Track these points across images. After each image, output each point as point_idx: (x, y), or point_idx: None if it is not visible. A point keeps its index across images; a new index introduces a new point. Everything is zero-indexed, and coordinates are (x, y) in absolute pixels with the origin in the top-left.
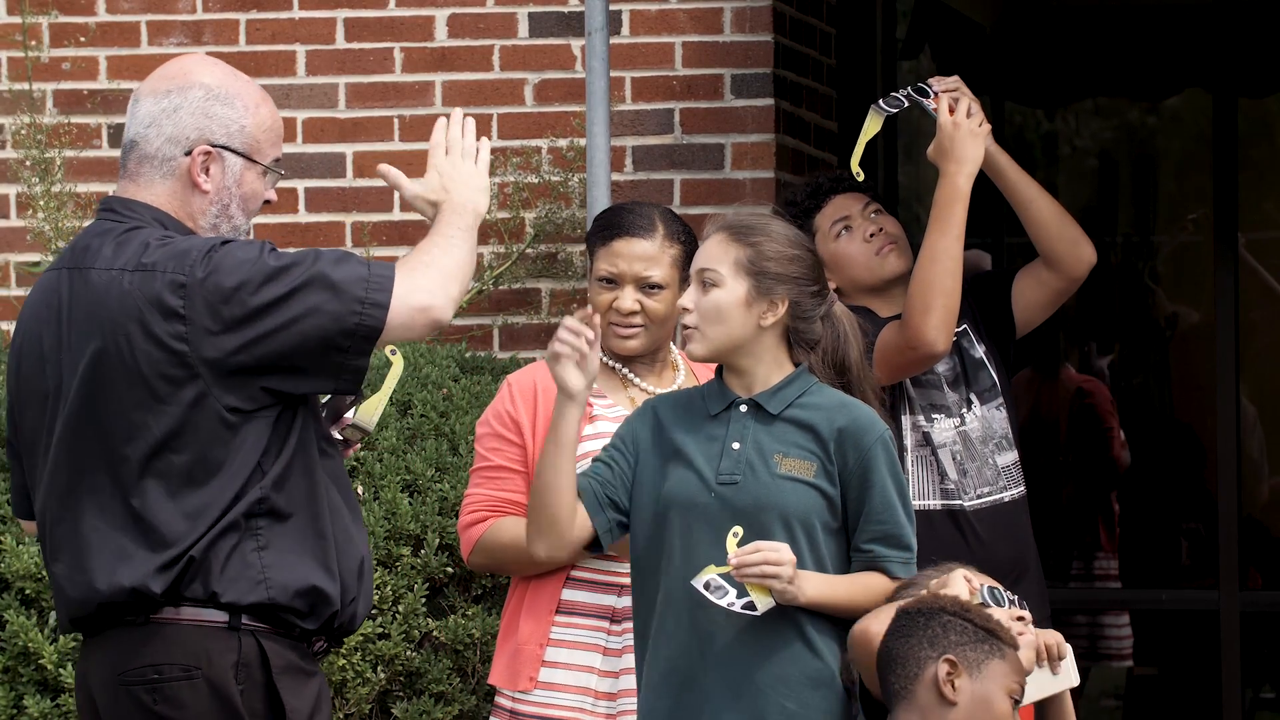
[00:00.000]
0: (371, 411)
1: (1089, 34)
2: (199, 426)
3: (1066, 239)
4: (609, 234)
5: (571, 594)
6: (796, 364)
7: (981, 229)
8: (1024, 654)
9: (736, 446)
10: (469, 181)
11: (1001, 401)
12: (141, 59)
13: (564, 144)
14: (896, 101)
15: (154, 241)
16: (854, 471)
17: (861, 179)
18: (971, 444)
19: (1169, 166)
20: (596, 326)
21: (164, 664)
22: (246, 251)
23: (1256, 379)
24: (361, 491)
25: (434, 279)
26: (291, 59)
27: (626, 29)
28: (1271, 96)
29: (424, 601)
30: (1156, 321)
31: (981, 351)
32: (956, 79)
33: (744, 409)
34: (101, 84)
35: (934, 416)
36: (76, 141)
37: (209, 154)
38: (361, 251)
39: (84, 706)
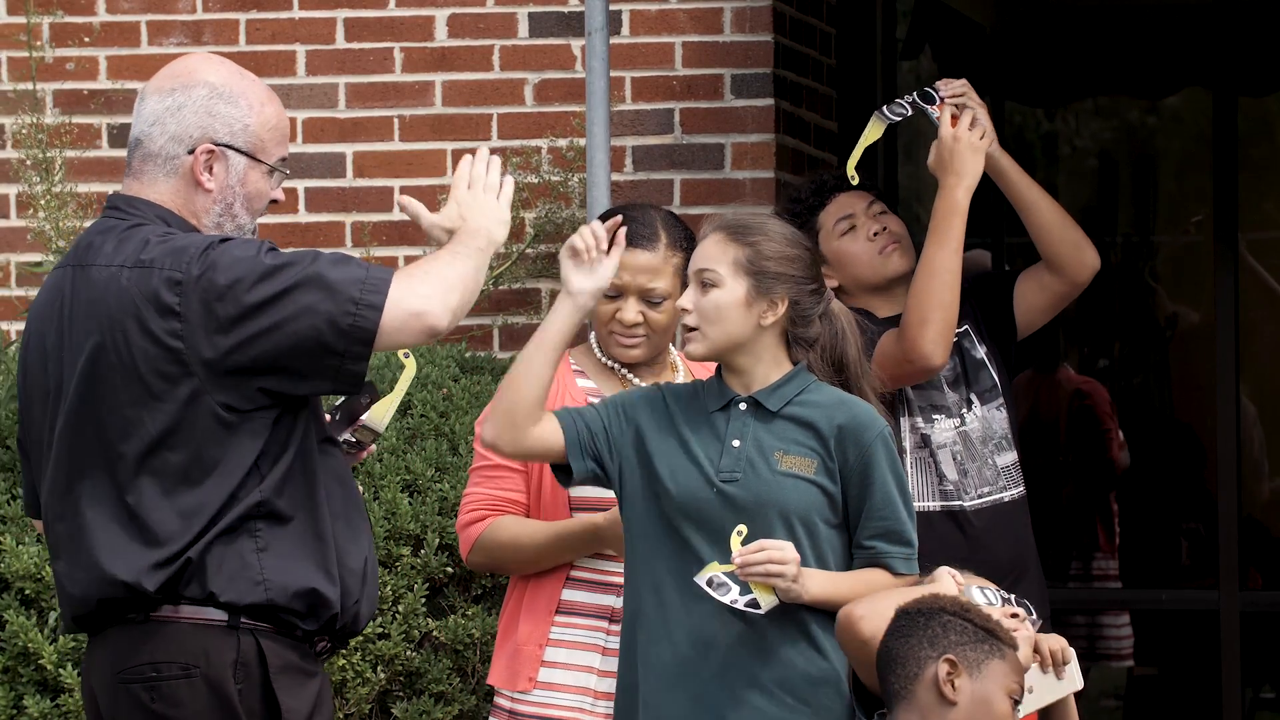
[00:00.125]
0: (382, 413)
1: (1089, 34)
2: (194, 425)
3: (1069, 243)
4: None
5: (571, 594)
6: (795, 362)
7: (981, 229)
8: (1021, 651)
9: (737, 444)
10: (487, 212)
11: (1002, 402)
12: (141, 59)
13: (564, 144)
14: (900, 109)
15: (154, 238)
16: (854, 468)
17: (856, 182)
18: (972, 444)
19: (1169, 166)
20: (621, 240)
21: (162, 662)
22: (244, 250)
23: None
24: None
25: (432, 286)
26: (291, 59)
27: (626, 29)
28: (1271, 96)
29: (424, 601)
30: (1156, 321)
31: (983, 352)
32: (964, 83)
33: (743, 406)
34: (102, 84)
35: (934, 417)
36: (77, 141)
37: (212, 153)
38: (361, 251)
39: (88, 706)
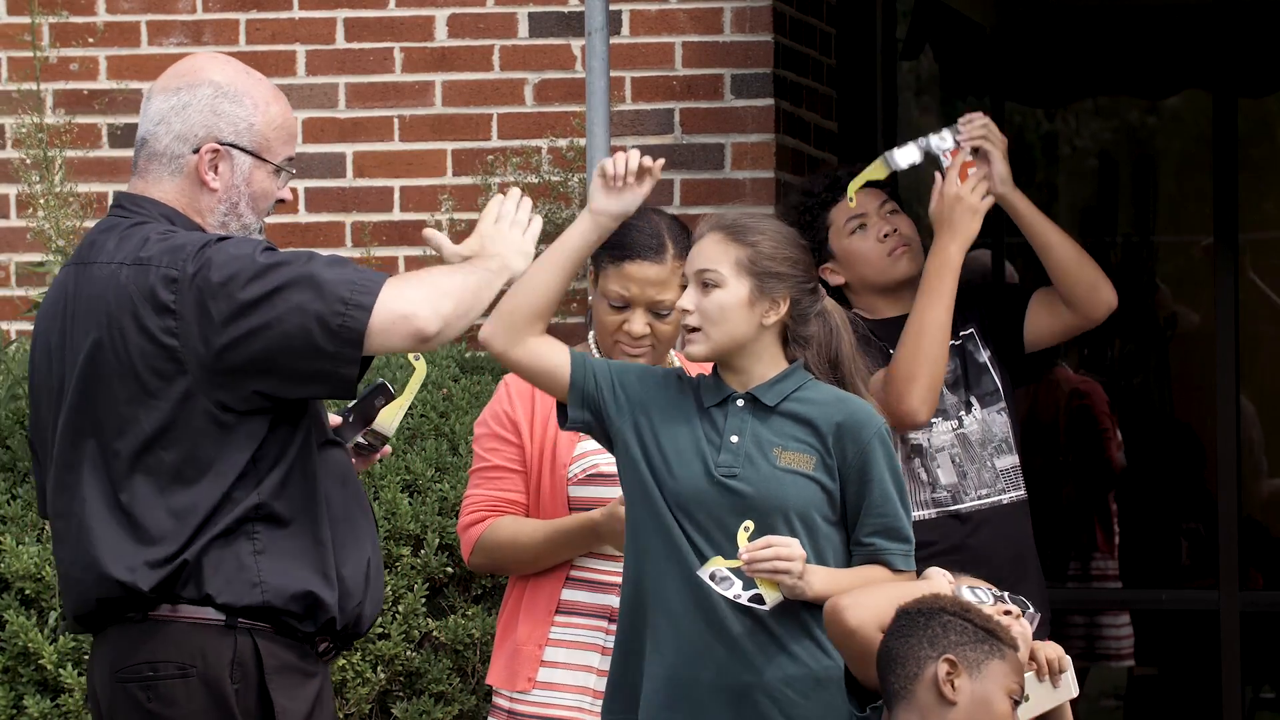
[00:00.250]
0: (391, 417)
1: (1089, 34)
2: (189, 423)
3: (1085, 283)
4: (620, 254)
5: (570, 594)
6: (791, 360)
7: (982, 229)
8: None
9: (735, 440)
10: (509, 243)
11: (1003, 406)
12: (141, 59)
13: (564, 144)
14: (910, 157)
15: (154, 236)
16: (853, 466)
17: (854, 205)
18: (970, 446)
19: (1169, 166)
20: (656, 172)
21: (159, 661)
22: (240, 248)
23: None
24: None
25: (424, 292)
26: (291, 59)
27: (626, 29)
28: (1271, 96)
29: (424, 601)
30: (1156, 321)
31: (986, 356)
32: (985, 123)
33: (740, 403)
34: (101, 84)
35: (931, 421)
36: (76, 141)
37: (217, 152)
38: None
39: (92, 705)
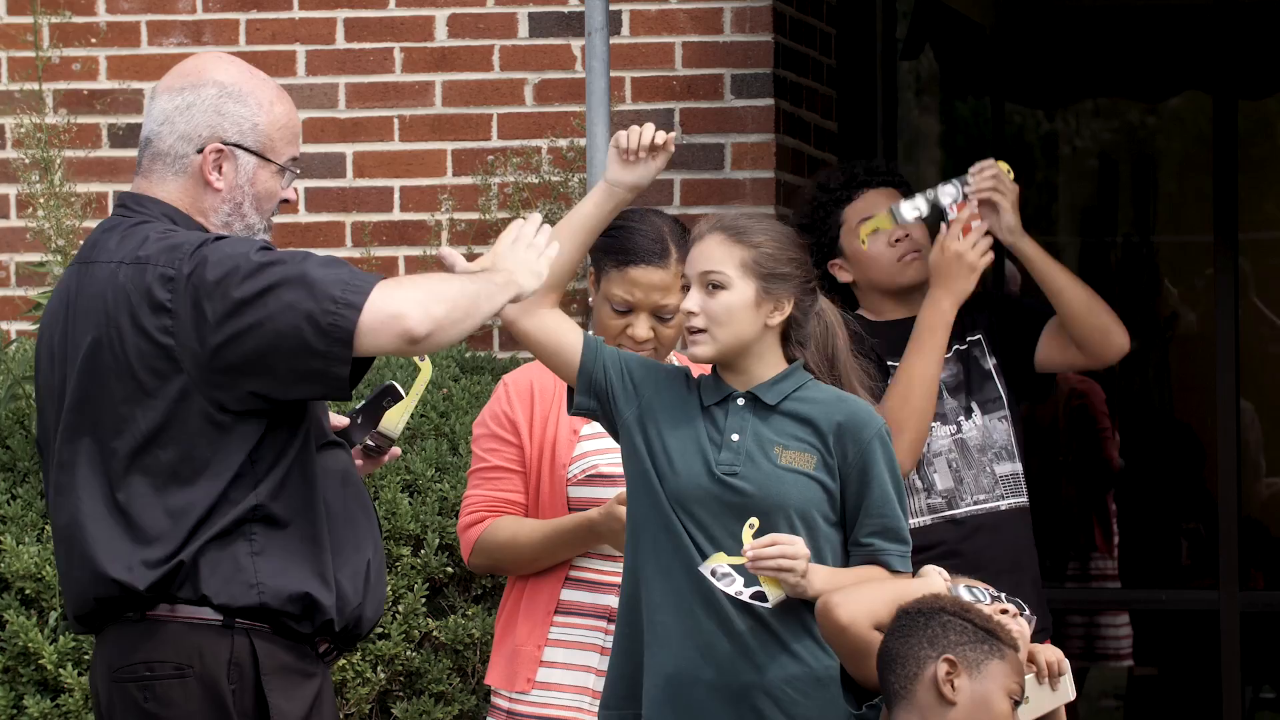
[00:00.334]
0: (396, 419)
1: (1089, 34)
2: (185, 423)
3: (1096, 330)
4: (623, 259)
5: (570, 594)
6: (790, 360)
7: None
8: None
9: (736, 438)
10: (522, 261)
11: (1006, 414)
12: (141, 59)
13: (564, 144)
14: (915, 210)
15: (153, 235)
16: (853, 466)
17: (865, 248)
18: (969, 451)
19: (1169, 167)
20: (670, 146)
21: (157, 661)
22: (236, 247)
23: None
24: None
25: (416, 294)
26: (291, 59)
27: (626, 29)
28: (1272, 98)
29: (424, 601)
30: (1156, 321)
31: (992, 364)
32: (995, 174)
33: (740, 402)
34: (102, 84)
35: (930, 426)
36: (76, 141)
37: (221, 152)
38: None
39: (94, 705)
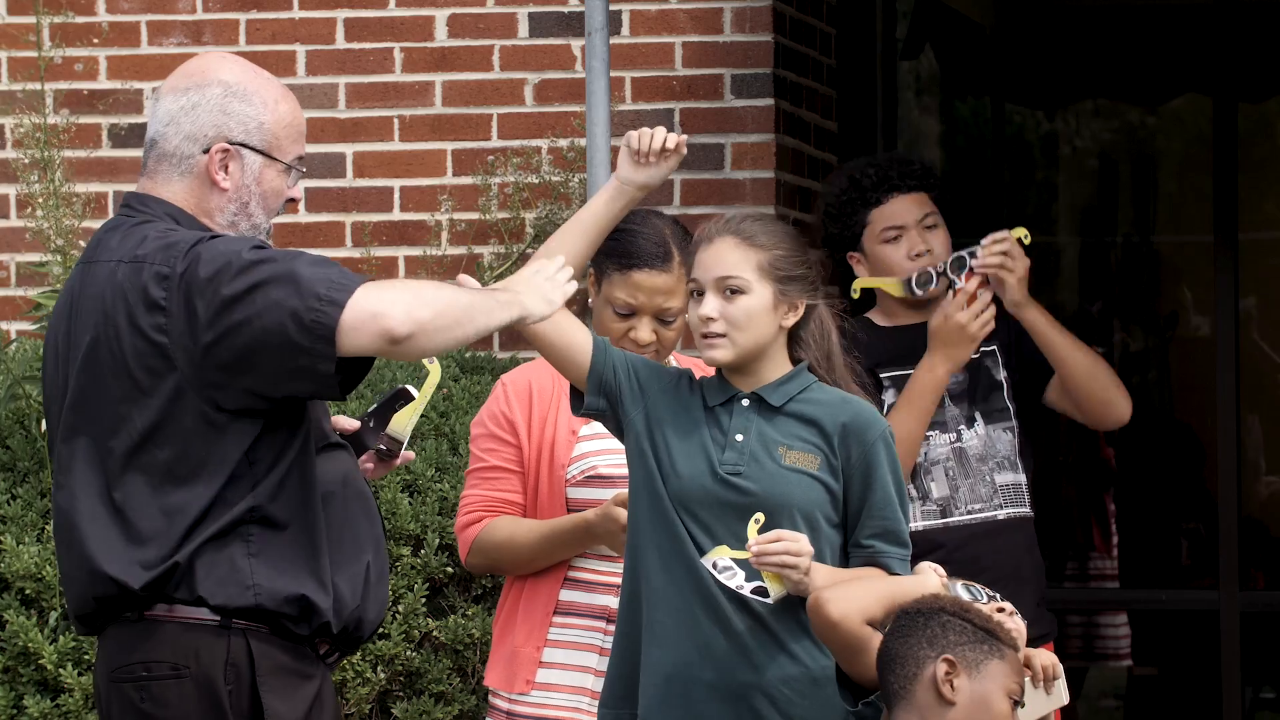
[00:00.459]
0: (404, 422)
1: (1089, 34)
2: (180, 422)
3: (1097, 401)
4: (626, 262)
5: (568, 595)
6: (794, 360)
7: (982, 229)
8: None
9: (740, 438)
10: (534, 287)
11: (1012, 425)
12: (142, 59)
13: (564, 144)
14: (926, 282)
15: (153, 234)
16: (857, 467)
17: (857, 296)
18: (967, 460)
19: (1169, 167)
20: (682, 149)
21: (154, 662)
22: (229, 245)
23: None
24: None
25: (401, 295)
26: (291, 59)
27: (626, 29)
28: (1272, 100)
29: (424, 601)
30: (1156, 321)
31: (1003, 376)
32: (1007, 247)
33: (745, 402)
34: (102, 84)
35: (928, 434)
36: (76, 141)
37: (227, 151)
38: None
39: (97, 705)
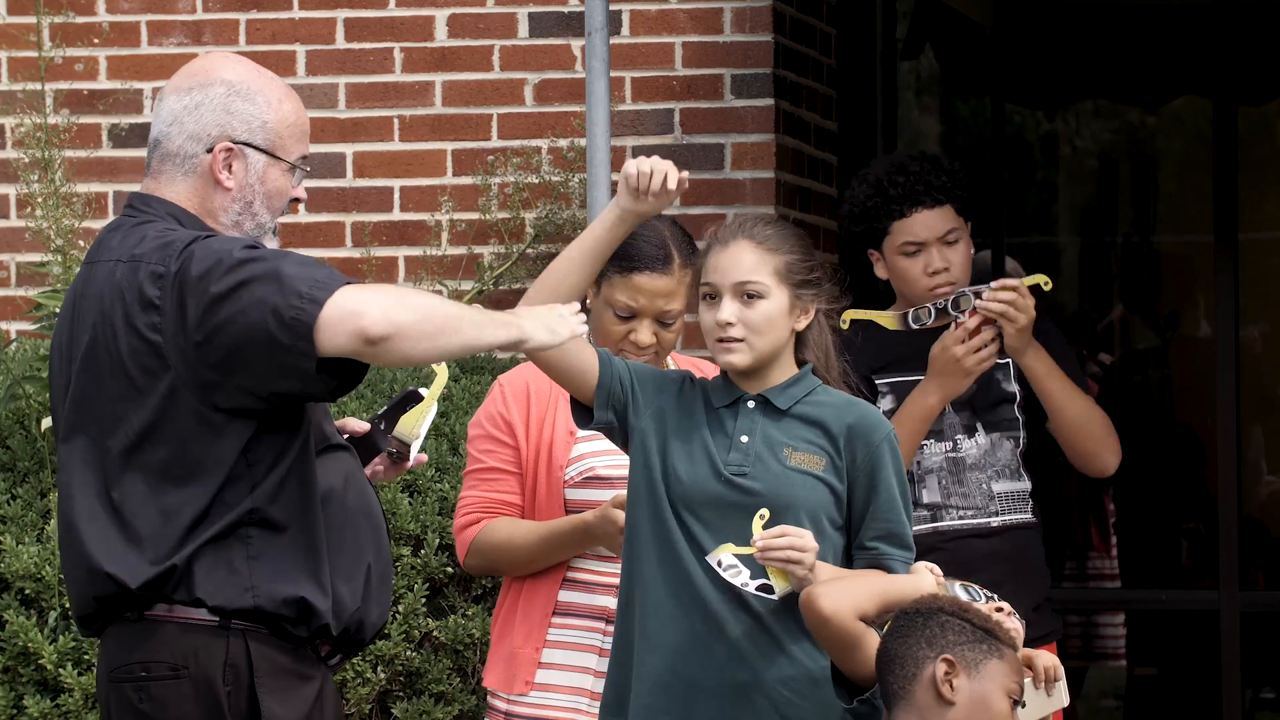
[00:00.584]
0: (411, 424)
1: (1089, 34)
2: (175, 421)
3: (1081, 451)
4: (627, 265)
5: (567, 595)
6: (800, 362)
7: (982, 229)
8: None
9: (745, 439)
10: (541, 316)
11: (1017, 435)
12: (142, 59)
13: (564, 144)
14: (925, 316)
15: (152, 234)
16: (861, 468)
17: (846, 328)
18: (961, 469)
19: (1169, 167)
20: (684, 185)
21: (153, 662)
22: (222, 244)
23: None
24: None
25: (382, 297)
26: (291, 59)
27: (626, 29)
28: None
29: (424, 601)
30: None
31: (1014, 389)
32: (1013, 297)
33: (751, 404)
34: (102, 84)
35: (923, 443)
36: (76, 141)
37: (230, 150)
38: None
39: (99, 704)
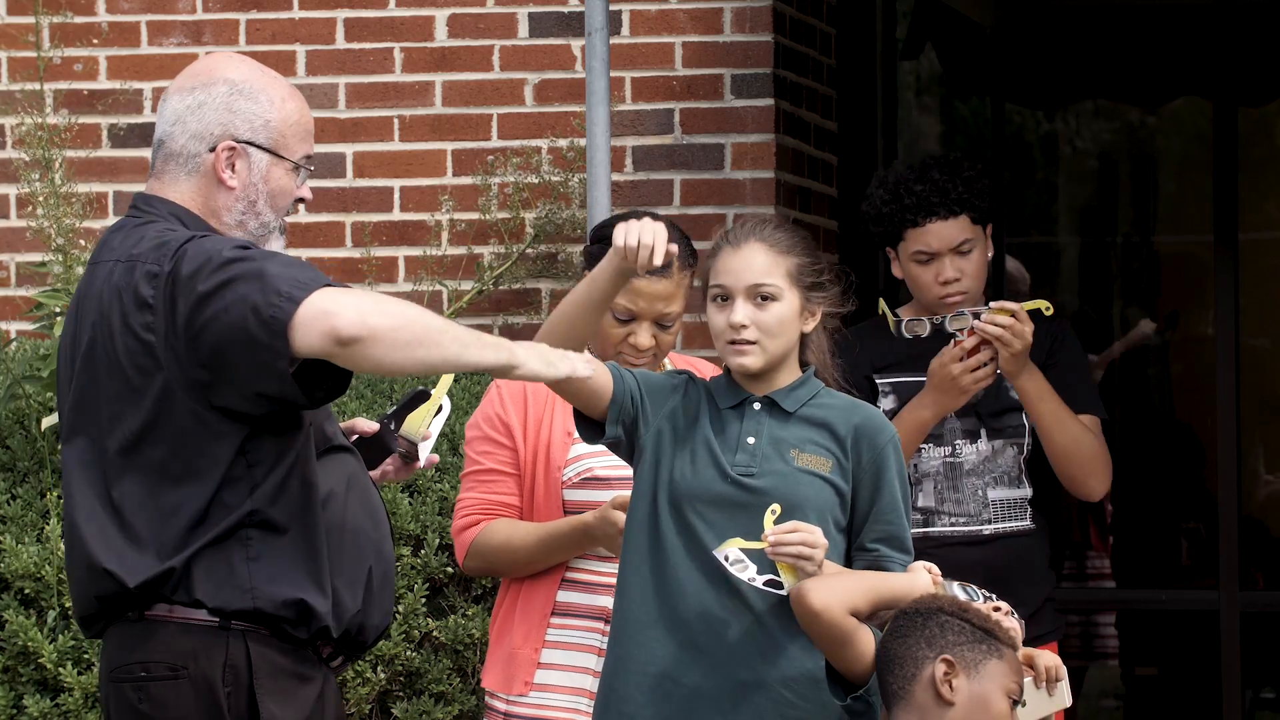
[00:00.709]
0: (417, 424)
1: (1089, 35)
2: (170, 420)
3: (1068, 475)
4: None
5: (566, 596)
6: (803, 364)
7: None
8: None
9: (752, 441)
10: (537, 348)
11: (1022, 442)
12: (142, 59)
13: (564, 144)
14: (918, 329)
15: (151, 234)
16: (867, 470)
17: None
18: (958, 475)
19: (1169, 167)
20: (672, 255)
21: (152, 662)
22: (213, 244)
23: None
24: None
25: (361, 302)
26: (291, 59)
27: (626, 29)
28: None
29: (424, 601)
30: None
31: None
32: (1011, 322)
33: (757, 406)
34: (102, 84)
35: (922, 447)
36: (76, 141)
37: (233, 149)
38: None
39: (101, 704)
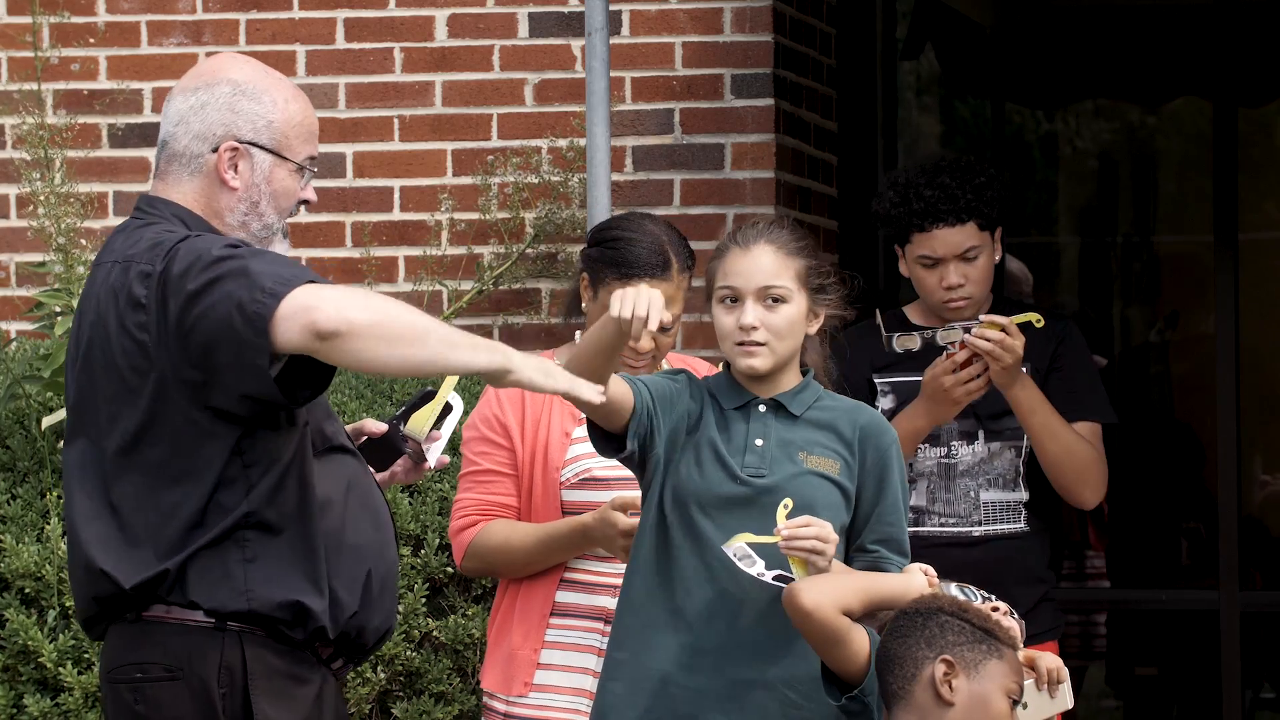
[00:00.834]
0: (421, 423)
1: (1089, 35)
2: (166, 420)
3: (1061, 485)
4: (625, 272)
5: (565, 596)
6: (803, 366)
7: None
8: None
9: (760, 443)
10: (534, 360)
11: (1020, 445)
12: (141, 59)
13: (564, 144)
14: (909, 343)
15: (150, 235)
16: (871, 470)
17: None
18: (951, 476)
19: (1169, 167)
20: (665, 324)
21: (149, 663)
22: (204, 243)
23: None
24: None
25: (342, 296)
26: (291, 59)
27: (626, 29)
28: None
29: (424, 601)
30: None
31: None
32: (1002, 336)
33: (763, 408)
34: (101, 84)
35: (919, 445)
36: (76, 141)
37: (236, 150)
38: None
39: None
